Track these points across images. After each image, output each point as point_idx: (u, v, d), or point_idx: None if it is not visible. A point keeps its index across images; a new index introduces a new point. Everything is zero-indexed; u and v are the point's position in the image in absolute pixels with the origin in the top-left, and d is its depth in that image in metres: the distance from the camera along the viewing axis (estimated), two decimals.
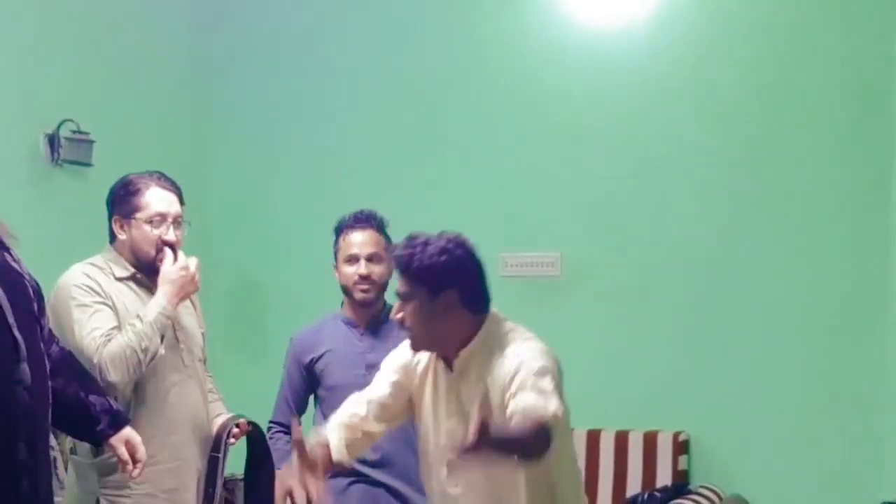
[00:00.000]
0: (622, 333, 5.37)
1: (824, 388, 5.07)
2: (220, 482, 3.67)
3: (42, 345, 2.81)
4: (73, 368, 3.07)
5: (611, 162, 5.44)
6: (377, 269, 3.85)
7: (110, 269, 3.53)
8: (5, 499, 2.60)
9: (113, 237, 3.61)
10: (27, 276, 2.87)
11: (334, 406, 3.74)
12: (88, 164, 5.20)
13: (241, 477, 3.90)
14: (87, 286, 3.43)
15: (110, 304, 3.44)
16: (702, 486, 5.18)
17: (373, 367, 3.73)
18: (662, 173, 5.35)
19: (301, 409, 3.96)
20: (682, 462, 5.24)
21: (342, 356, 3.86)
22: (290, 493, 2.92)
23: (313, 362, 3.89)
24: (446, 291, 2.89)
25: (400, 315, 2.95)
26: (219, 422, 3.70)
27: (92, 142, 5.27)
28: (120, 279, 3.53)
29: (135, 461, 3.11)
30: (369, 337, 3.87)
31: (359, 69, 5.97)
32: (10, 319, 2.66)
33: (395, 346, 3.82)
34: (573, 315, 5.41)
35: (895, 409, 4.91)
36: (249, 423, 3.72)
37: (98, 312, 3.40)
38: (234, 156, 6.26)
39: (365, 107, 5.96)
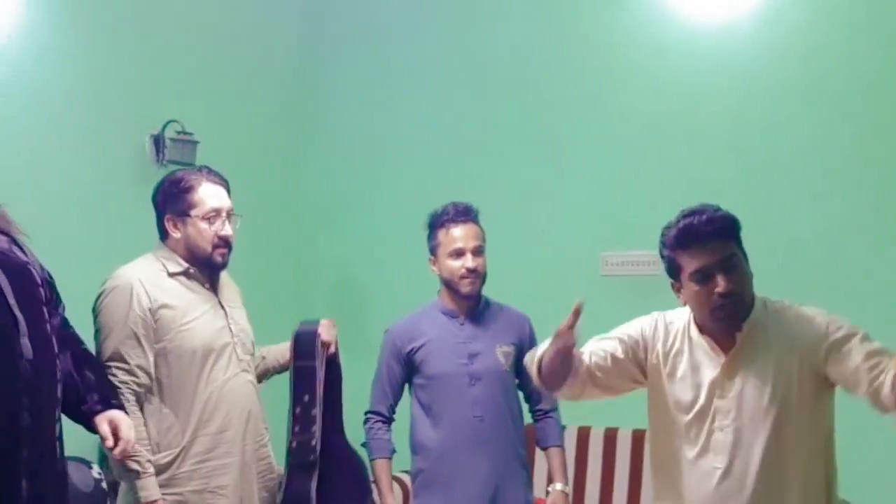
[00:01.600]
0: None
1: None
2: (318, 391, 3.63)
3: (48, 326, 2.94)
4: (71, 348, 3.15)
5: (714, 160, 5.36)
6: (481, 262, 3.89)
7: (163, 265, 3.54)
8: (7, 462, 2.74)
9: (164, 235, 3.61)
10: (35, 266, 3.01)
11: (435, 395, 3.77)
12: (192, 165, 5.26)
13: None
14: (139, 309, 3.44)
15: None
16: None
17: (475, 356, 3.75)
18: (768, 172, 5.25)
19: (398, 399, 3.99)
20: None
21: (443, 346, 3.89)
22: None
23: (413, 352, 3.91)
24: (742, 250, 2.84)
25: (728, 288, 2.77)
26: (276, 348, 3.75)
27: (196, 142, 5.34)
28: (172, 274, 3.54)
29: (117, 439, 3.11)
30: (470, 326, 3.91)
31: (459, 68, 5.97)
32: (11, 300, 2.83)
33: (497, 335, 3.85)
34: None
35: None
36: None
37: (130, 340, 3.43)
38: (334, 154, 6.30)
39: (464, 105, 5.96)
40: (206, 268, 3.58)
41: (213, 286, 3.62)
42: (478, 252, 3.91)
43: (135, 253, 3.67)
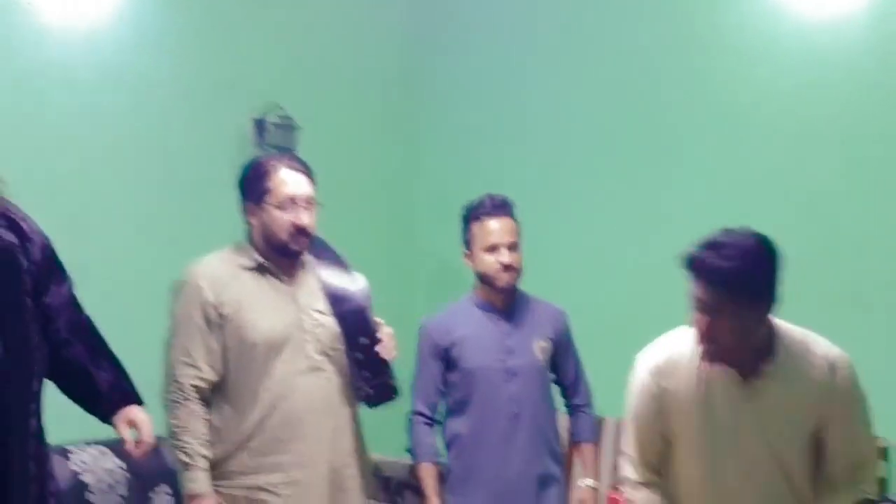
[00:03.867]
0: (833, 338, 5.17)
1: None
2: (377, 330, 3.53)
3: (26, 317, 2.76)
4: (86, 340, 3.01)
5: (824, 159, 5.23)
6: (517, 257, 3.80)
7: (238, 260, 3.48)
8: None
9: (248, 223, 3.55)
10: (33, 246, 2.85)
11: (470, 390, 3.67)
12: (293, 150, 5.27)
13: None
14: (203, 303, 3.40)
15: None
16: None
17: (512, 352, 3.66)
18: (879, 172, 5.12)
19: (440, 398, 3.90)
20: (881, 469, 5.01)
21: (481, 340, 3.81)
22: None
23: (451, 347, 3.81)
24: (763, 301, 2.67)
25: (704, 329, 2.68)
26: None
27: (297, 128, 5.34)
28: (245, 269, 3.48)
29: (140, 441, 3.04)
30: (507, 321, 3.81)
31: (571, 66, 5.90)
32: None
33: (533, 329, 3.75)
34: (783, 318, 5.23)
35: None
36: None
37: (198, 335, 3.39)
38: (442, 144, 6.26)
39: (575, 104, 5.88)
40: (282, 256, 3.51)
41: (292, 276, 3.54)
42: (513, 247, 3.82)
43: (235, 234, 3.66)
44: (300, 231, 3.46)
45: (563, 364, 3.90)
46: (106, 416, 3.07)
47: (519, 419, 3.77)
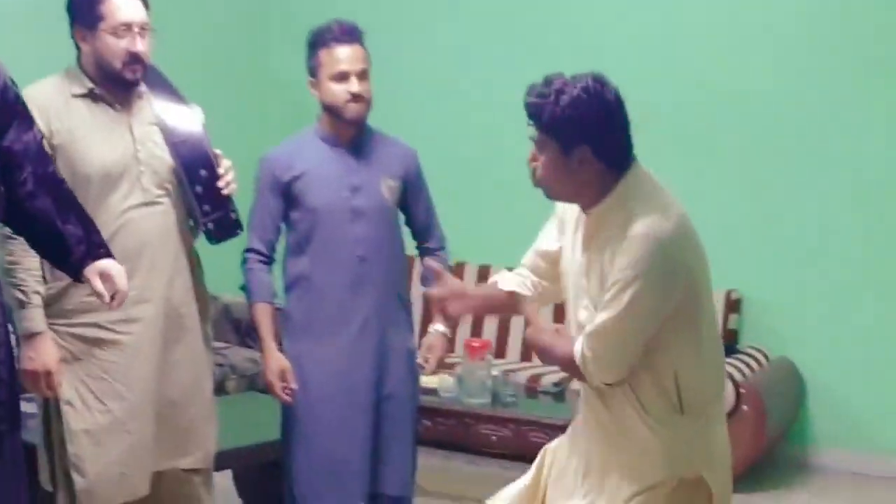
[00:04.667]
0: (679, 181, 5.22)
1: (883, 260, 5.01)
2: (217, 162, 3.34)
3: None
4: (53, 192, 2.87)
5: (677, 8, 5.28)
6: (367, 87, 3.61)
7: (69, 86, 3.31)
8: None
9: (79, 49, 3.37)
10: None
11: (313, 229, 3.51)
12: None
13: None
14: None
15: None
16: (750, 347, 5.13)
17: (357, 190, 3.52)
18: (735, 19, 5.18)
19: (278, 236, 3.73)
20: (733, 321, 5.17)
21: (325, 176, 3.59)
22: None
23: (292, 182, 3.64)
24: (580, 147, 2.66)
25: (533, 165, 2.69)
26: None
27: None
28: (76, 96, 3.32)
29: (115, 293, 2.95)
30: (352, 156, 3.62)
31: None
32: None
33: (381, 167, 3.60)
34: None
35: None
36: None
37: None
38: None
39: None
40: (117, 85, 3.33)
41: (127, 106, 3.38)
42: (363, 76, 3.60)
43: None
44: (135, 58, 3.28)
45: (413, 206, 3.73)
46: (76, 271, 2.93)
47: (365, 263, 3.61)
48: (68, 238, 2.85)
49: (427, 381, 4.43)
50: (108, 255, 2.92)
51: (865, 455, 5.04)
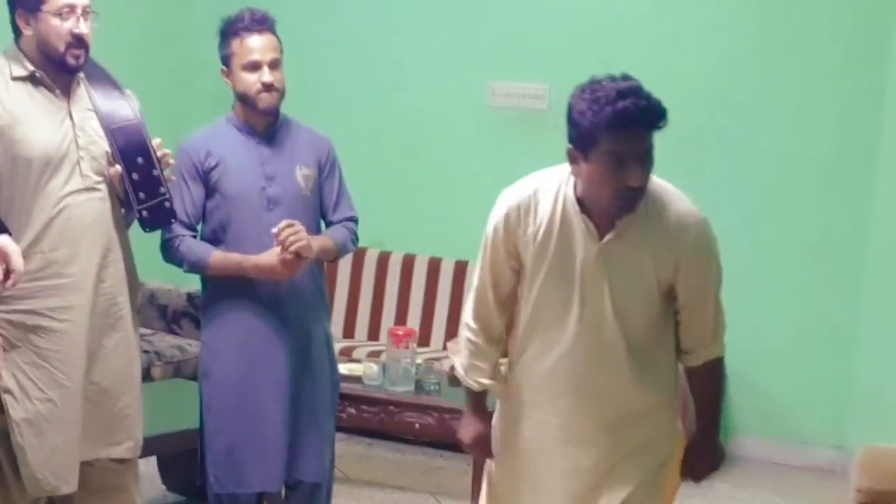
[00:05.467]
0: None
1: (813, 242, 5.09)
2: (153, 150, 3.28)
3: None
4: None
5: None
6: (280, 76, 3.61)
7: (8, 68, 3.29)
8: None
9: (17, 31, 3.35)
10: None
11: (228, 218, 3.51)
12: None
13: None
14: None
15: None
16: None
17: (272, 178, 3.53)
18: (660, 6, 5.22)
19: (199, 222, 3.73)
20: None
21: (241, 165, 3.59)
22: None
23: (210, 170, 3.64)
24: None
25: (643, 180, 2.58)
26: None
27: None
28: (16, 78, 3.29)
29: (7, 272, 2.91)
30: (266, 145, 3.64)
31: None
32: None
33: (294, 156, 3.60)
34: (560, 150, 5.32)
35: (875, 264, 4.94)
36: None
37: None
38: None
39: None
40: (59, 69, 3.30)
41: (67, 92, 3.36)
42: (275, 65, 3.59)
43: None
44: (79, 40, 3.26)
45: (325, 189, 3.75)
46: None
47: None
48: None
49: (351, 369, 4.48)
50: (4, 231, 2.88)
51: (786, 444, 5.12)
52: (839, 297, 5.04)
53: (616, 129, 2.50)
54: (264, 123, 3.57)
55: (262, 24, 3.53)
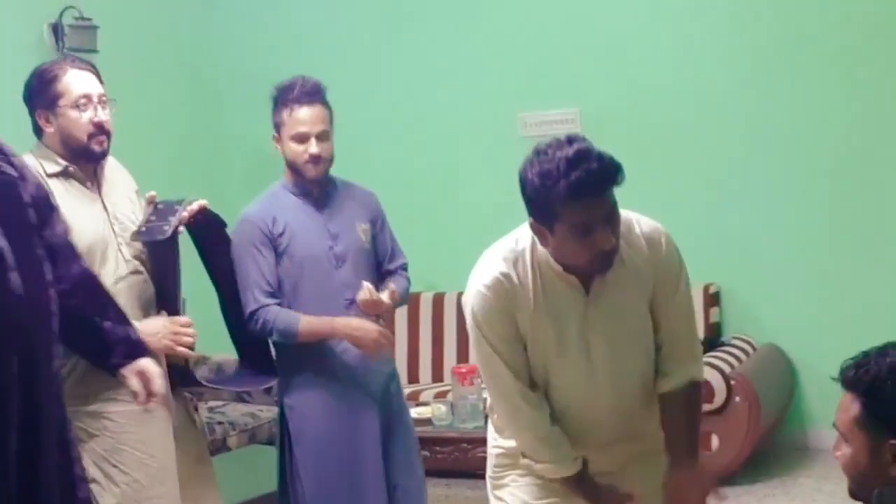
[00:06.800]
0: (645, 188, 5.30)
1: (854, 233, 5.07)
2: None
3: (38, 254, 2.60)
4: (90, 291, 2.86)
5: (624, 13, 5.33)
6: (327, 147, 3.66)
7: (41, 166, 3.37)
8: None
9: (39, 133, 3.43)
10: (28, 182, 2.67)
11: (299, 281, 3.58)
12: (94, 51, 5.11)
13: None
14: None
15: None
16: (735, 338, 5.16)
17: (337, 237, 3.61)
18: (679, 23, 5.24)
19: (277, 286, 3.77)
20: (714, 314, 5.21)
21: (305, 227, 3.64)
22: None
23: (278, 236, 3.69)
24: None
25: (614, 241, 2.53)
26: None
27: (96, 27, 5.19)
28: (51, 175, 3.37)
29: (150, 393, 2.96)
30: (325, 205, 3.71)
31: None
32: None
33: (353, 213, 3.68)
34: None
35: None
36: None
37: None
38: (242, 24, 6.16)
39: None
40: (85, 160, 3.39)
41: (96, 183, 3.45)
42: (323, 137, 3.64)
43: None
44: (99, 128, 3.35)
45: (380, 240, 3.82)
46: (114, 369, 2.93)
47: (353, 305, 3.69)
48: (108, 337, 2.83)
49: (420, 412, 4.52)
50: (147, 353, 2.91)
51: None
52: None
53: (575, 201, 2.44)
54: (317, 186, 3.65)
55: (313, 95, 3.60)
